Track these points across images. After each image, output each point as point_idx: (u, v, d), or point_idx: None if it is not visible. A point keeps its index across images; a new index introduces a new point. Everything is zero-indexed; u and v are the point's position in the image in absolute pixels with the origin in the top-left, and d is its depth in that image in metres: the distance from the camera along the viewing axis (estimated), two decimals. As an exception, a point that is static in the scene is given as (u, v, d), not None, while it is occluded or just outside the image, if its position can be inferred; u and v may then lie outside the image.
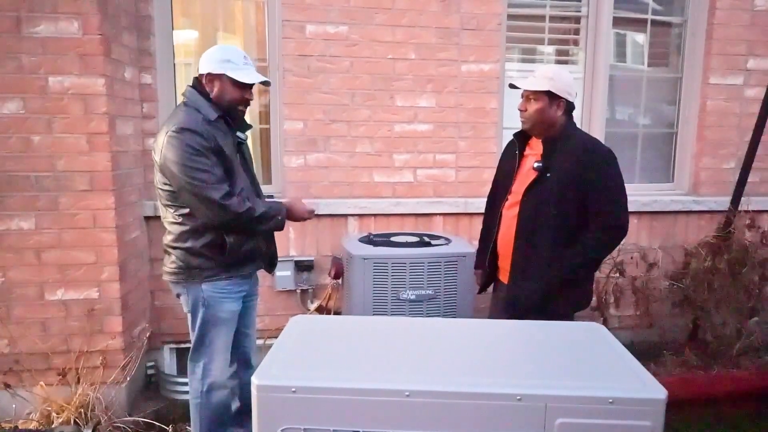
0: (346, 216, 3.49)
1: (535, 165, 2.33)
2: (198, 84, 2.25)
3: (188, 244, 2.22)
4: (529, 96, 2.34)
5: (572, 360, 1.49)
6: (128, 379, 2.95)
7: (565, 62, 3.91)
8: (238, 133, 2.35)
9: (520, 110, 2.38)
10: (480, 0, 3.44)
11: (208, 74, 2.20)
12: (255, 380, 1.33)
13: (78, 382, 2.79)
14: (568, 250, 2.27)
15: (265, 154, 3.56)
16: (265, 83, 2.38)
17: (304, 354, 1.51)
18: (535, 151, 2.40)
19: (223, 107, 2.23)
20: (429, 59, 3.46)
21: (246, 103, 2.30)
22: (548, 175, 2.29)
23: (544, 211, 2.29)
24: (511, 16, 3.58)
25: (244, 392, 2.53)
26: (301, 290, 3.49)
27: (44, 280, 2.83)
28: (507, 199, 2.44)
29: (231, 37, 3.62)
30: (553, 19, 3.69)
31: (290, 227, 3.43)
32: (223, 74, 2.18)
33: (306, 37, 3.33)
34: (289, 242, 3.46)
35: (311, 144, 3.43)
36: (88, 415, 2.70)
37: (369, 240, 3.11)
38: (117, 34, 2.91)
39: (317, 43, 3.34)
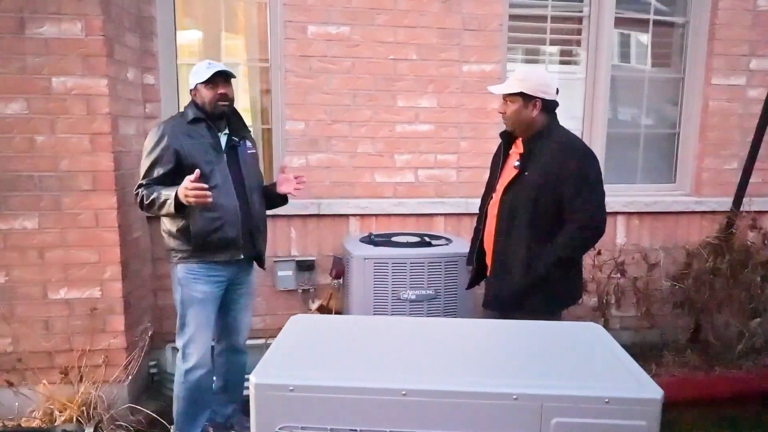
0: (347, 216, 3.51)
1: (516, 164, 2.40)
2: (194, 96, 2.55)
3: (168, 227, 2.51)
4: (505, 98, 2.41)
5: (569, 360, 1.50)
6: (130, 378, 2.97)
7: (568, 62, 3.91)
8: (234, 137, 2.58)
9: (500, 113, 2.46)
10: (481, 1, 3.45)
11: (191, 90, 2.53)
12: (253, 378, 1.34)
13: (80, 380, 2.81)
14: (544, 248, 2.30)
15: (266, 155, 3.57)
16: (225, 73, 2.47)
17: (302, 353, 1.52)
18: (519, 149, 2.44)
19: (209, 110, 2.48)
20: (430, 60, 3.47)
21: (222, 98, 2.48)
22: (526, 173, 2.34)
23: (521, 209, 2.34)
24: (512, 17, 3.59)
25: (228, 373, 2.78)
26: (303, 290, 3.50)
27: (47, 279, 2.85)
28: (491, 197, 2.50)
29: (233, 37, 3.63)
30: (554, 19, 3.69)
31: (291, 228, 3.45)
32: (197, 84, 2.49)
33: (308, 38, 3.34)
34: (291, 242, 3.48)
35: (313, 144, 3.45)
36: (91, 414, 2.71)
37: (370, 240, 3.12)
38: (120, 34, 2.93)
39: (319, 44, 3.35)
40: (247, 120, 3.60)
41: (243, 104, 3.67)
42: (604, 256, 3.44)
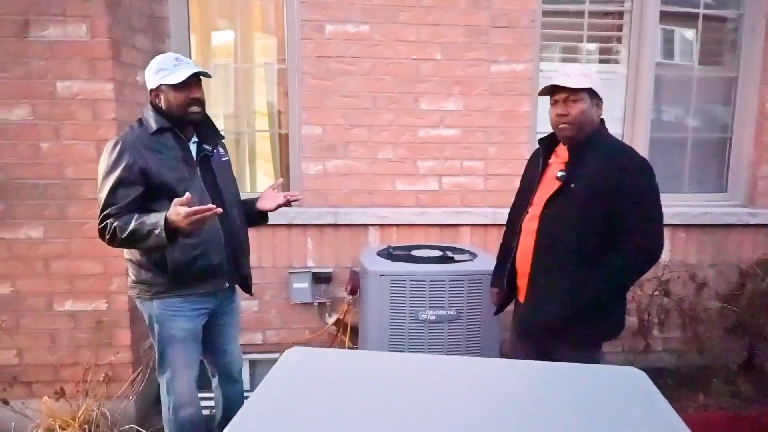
0: (366, 226, 3.31)
1: (559, 174, 2.08)
2: (153, 98, 2.19)
3: (138, 257, 2.15)
4: (568, 98, 2.05)
5: (601, 421, 1.26)
6: (137, 393, 2.85)
7: (607, 61, 3.61)
8: (205, 146, 2.23)
9: (562, 115, 2.06)
10: (512, -5, 3.20)
11: (151, 91, 2.16)
12: (227, 435, 1.15)
13: (86, 395, 2.70)
14: (591, 273, 1.99)
15: (283, 161, 3.42)
16: (203, 74, 2.15)
17: (289, 399, 1.33)
18: (560, 158, 2.14)
19: (176, 116, 2.13)
20: (456, 60, 3.23)
21: (195, 102, 2.14)
22: (572, 186, 2.03)
23: (566, 227, 2.03)
24: (546, 12, 3.32)
25: (227, 405, 2.48)
26: (319, 303, 3.32)
27: (52, 291, 2.76)
28: (527, 212, 2.18)
29: (251, 37, 3.48)
30: (593, 14, 3.40)
31: (307, 238, 3.27)
32: (161, 84, 2.11)
33: (325, 38, 3.16)
34: (307, 253, 3.30)
35: (330, 150, 3.26)
36: (93, 431, 2.61)
37: (388, 254, 2.91)
38: (129, 36, 2.81)
39: (337, 44, 3.16)
40: (264, 125, 3.50)
41: (260, 108, 3.52)
42: (646, 274, 3.14)
